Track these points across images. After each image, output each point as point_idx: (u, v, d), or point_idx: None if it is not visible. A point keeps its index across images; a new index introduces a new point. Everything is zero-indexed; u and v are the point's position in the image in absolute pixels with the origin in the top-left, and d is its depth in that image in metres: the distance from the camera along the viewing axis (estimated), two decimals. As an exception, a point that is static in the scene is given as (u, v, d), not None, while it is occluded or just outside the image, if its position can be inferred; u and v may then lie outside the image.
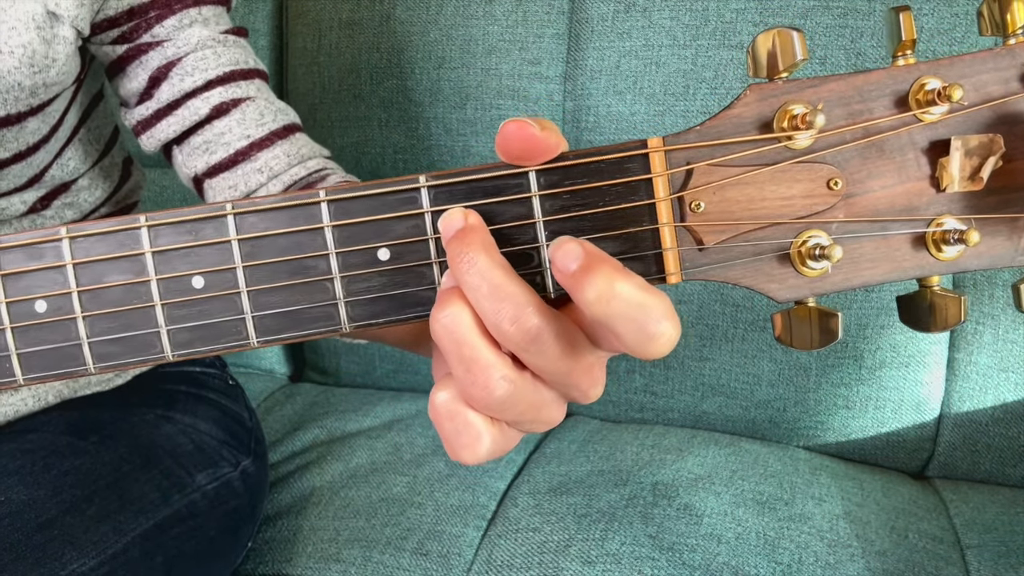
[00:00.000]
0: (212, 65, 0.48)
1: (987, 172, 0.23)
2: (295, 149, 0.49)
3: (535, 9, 0.78)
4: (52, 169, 0.52)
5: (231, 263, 0.26)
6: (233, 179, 0.48)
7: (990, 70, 0.24)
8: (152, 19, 0.47)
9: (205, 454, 0.57)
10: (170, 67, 0.47)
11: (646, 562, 0.61)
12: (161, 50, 0.47)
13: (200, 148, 0.48)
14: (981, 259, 0.24)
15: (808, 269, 0.24)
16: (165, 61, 0.47)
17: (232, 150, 0.48)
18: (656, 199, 0.24)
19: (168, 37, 0.47)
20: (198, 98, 0.47)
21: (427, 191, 0.25)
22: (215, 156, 0.48)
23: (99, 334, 0.27)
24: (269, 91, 0.51)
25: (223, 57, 0.48)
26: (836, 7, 0.69)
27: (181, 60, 0.47)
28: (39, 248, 0.27)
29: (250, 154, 0.48)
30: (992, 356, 0.71)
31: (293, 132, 0.50)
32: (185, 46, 0.47)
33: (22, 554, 0.44)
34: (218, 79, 0.48)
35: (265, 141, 0.48)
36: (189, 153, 0.49)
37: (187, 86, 0.47)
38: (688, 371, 0.78)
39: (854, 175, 0.24)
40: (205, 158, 0.48)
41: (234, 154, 0.48)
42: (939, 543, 0.64)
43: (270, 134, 0.48)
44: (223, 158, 0.48)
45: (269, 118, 0.49)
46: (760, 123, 0.24)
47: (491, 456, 0.25)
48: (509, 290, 0.23)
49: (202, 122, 0.48)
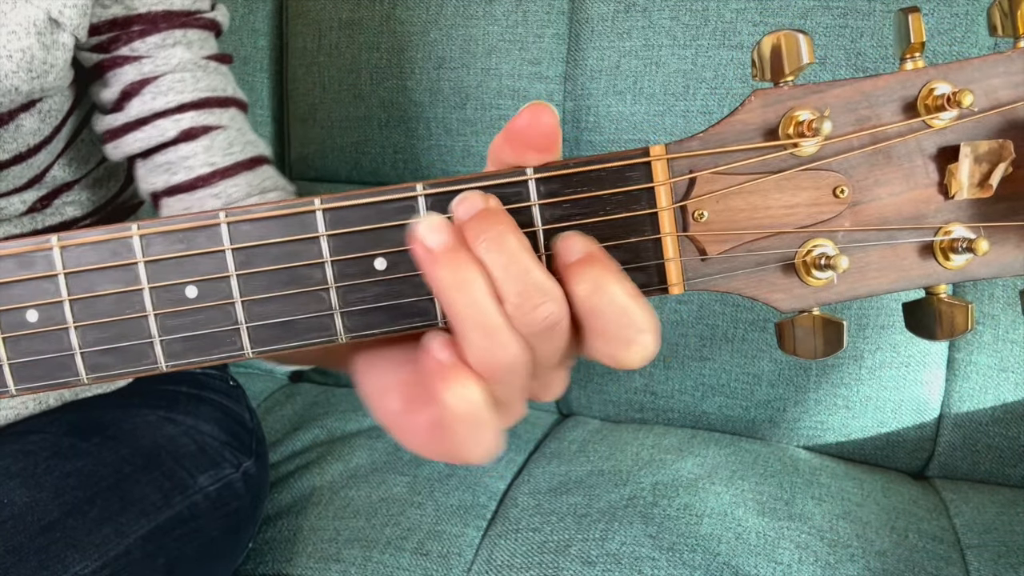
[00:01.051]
0: (189, 88, 0.47)
1: (997, 179, 0.23)
2: (257, 180, 0.49)
3: (535, 9, 0.77)
4: (53, 170, 0.51)
5: (225, 272, 0.25)
6: (189, 201, 0.48)
7: (1001, 74, 0.23)
8: (134, 33, 0.46)
9: (207, 455, 0.57)
10: (144, 83, 0.47)
11: (646, 562, 0.60)
12: (138, 65, 0.47)
13: (162, 167, 0.48)
14: (990, 268, 0.24)
15: (813, 279, 0.24)
16: (140, 77, 0.47)
17: (193, 175, 0.48)
18: (658, 208, 0.24)
19: (148, 54, 0.47)
20: (169, 119, 0.47)
21: (424, 199, 0.25)
22: (175, 177, 0.48)
23: (91, 344, 0.26)
24: (244, 121, 0.51)
25: (201, 82, 0.48)
26: (836, 7, 0.69)
27: (157, 79, 0.47)
28: (30, 257, 0.26)
29: (211, 181, 0.48)
30: (992, 356, 0.71)
31: (260, 164, 0.50)
32: (164, 65, 0.47)
33: (25, 557, 0.44)
34: (192, 103, 0.47)
35: (229, 170, 0.48)
36: (151, 169, 0.48)
37: (159, 105, 0.47)
38: (688, 371, 0.78)
39: (861, 183, 0.24)
40: (165, 177, 0.48)
41: (194, 179, 0.48)
42: (939, 543, 0.64)
43: (235, 164, 0.48)
44: (183, 180, 0.48)
45: (237, 148, 0.49)
46: (765, 130, 0.23)
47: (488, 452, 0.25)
48: (537, 276, 0.23)
49: (168, 143, 0.48)
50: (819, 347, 0.25)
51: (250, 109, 0.88)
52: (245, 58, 0.88)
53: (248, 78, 0.89)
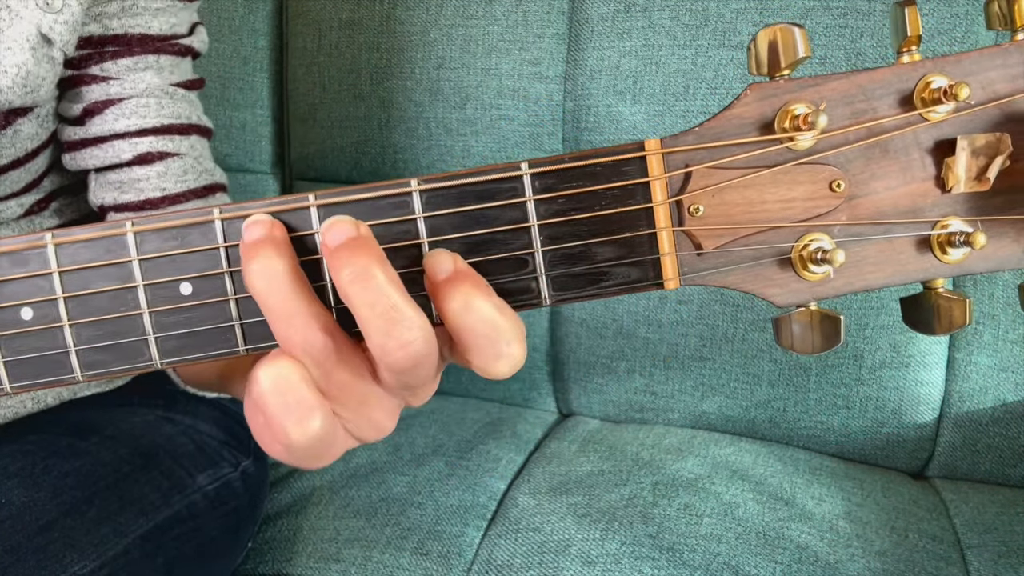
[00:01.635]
0: (152, 114, 0.48)
1: (994, 172, 0.23)
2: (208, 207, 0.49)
3: (535, 9, 0.77)
4: (51, 174, 0.51)
5: (219, 269, 0.25)
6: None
7: (998, 67, 0.23)
8: (107, 54, 0.46)
9: (205, 455, 0.57)
10: (108, 104, 0.47)
11: (646, 562, 0.60)
12: (105, 86, 0.47)
13: (113, 184, 0.48)
14: (987, 261, 0.24)
15: (810, 273, 0.24)
16: (106, 97, 0.47)
17: (143, 196, 0.48)
18: (654, 203, 0.24)
19: (117, 75, 0.47)
20: (127, 141, 0.47)
21: (419, 195, 0.25)
22: (125, 196, 0.48)
23: (86, 342, 0.26)
24: (205, 149, 0.51)
25: (165, 109, 0.48)
26: (836, 7, 0.69)
27: (122, 101, 0.47)
28: (24, 255, 0.26)
29: (159, 205, 0.48)
30: (992, 356, 0.70)
31: (214, 192, 0.50)
32: (131, 89, 0.47)
33: (23, 556, 0.44)
34: (153, 129, 0.48)
35: (180, 196, 0.48)
36: (102, 184, 0.49)
37: (119, 127, 0.47)
38: (688, 371, 0.78)
39: (857, 176, 0.23)
40: (115, 194, 0.49)
41: (143, 201, 0.48)
42: (939, 543, 0.63)
43: (187, 191, 0.49)
44: (132, 200, 0.48)
45: (191, 177, 0.49)
46: (761, 124, 0.23)
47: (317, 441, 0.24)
48: (407, 313, 0.23)
49: (123, 164, 0.48)
50: (817, 342, 0.25)
51: (250, 109, 0.89)
52: (245, 58, 0.88)
53: (248, 78, 0.88)
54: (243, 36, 0.88)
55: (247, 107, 0.89)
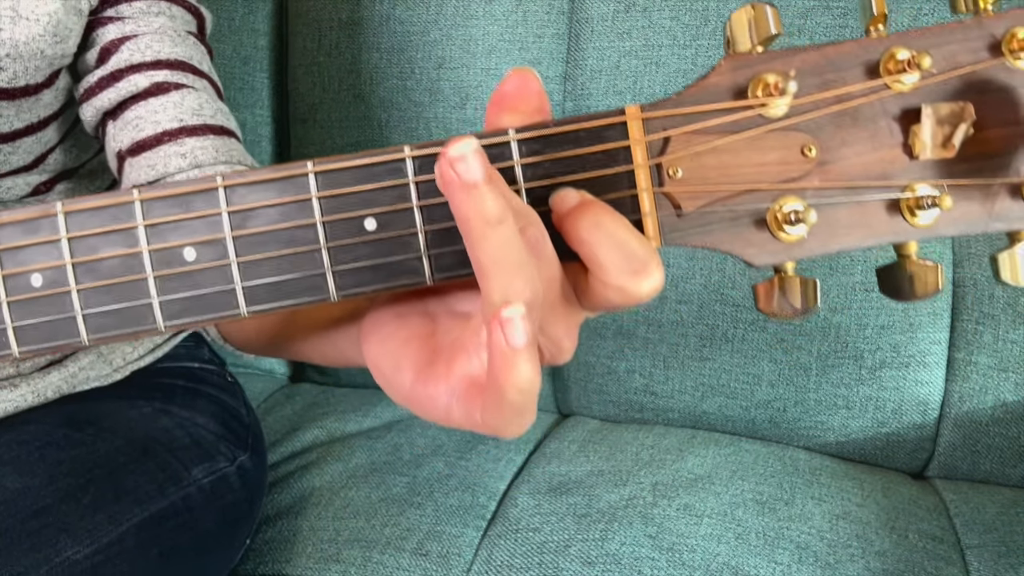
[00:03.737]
0: (167, 49, 0.47)
1: (959, 139, 0.24)
2: (226, 148, 0.48)
3: (535, 9, 0.78)
4: (56, 152, 0.52)
5: (221, 234, 0.26)
6: (154, 159, 0.46)
7: (959, 40, 0.24)
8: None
9: (202, 448, 0.58)
10: (123, 40, 0.47)
11: (646, 562, 0.60)
12: (120, 25, 0.47)
13: (131, 123, 0.47)
14: (956, 225, 0.25)
15: (785, 234, 0.24)
16: (121, 35, 0.47)
17: (160, 129, 0.46)
18: (634, 165, 0.25)
19: (132, 16, 0.48)
20: (142, 73, 0.47)
21: (412, 161, 0.26)
22: (142, 133, 0.46)
23: (93, 306, 0.27)
24: (216, 96, 0.50)
25: (179, 47, 0.48)
26: (836, 7, 0.70)
27: (137, 37, 0.47)
28: (35, 223, 0.27)
29: (178, 137, 0.46)
30: (992, 356, 0.70)
31: (230, 135, 0.49)
32: (146, 27, 0.48)
33: (16, 540, 0.44)
34: (168, 62, 0.47)
35: (197, 130, 0.47)
36: (121, 127, 0.47)
37: (135, 59, 0.47)
38: (688, 371, 0.78)
39: (828, 143, 0.24)
40: (132, 134, 0.46)
41: (161, 133, 0.46)
42: (939, 543, 0.63)
43: (204, 125, 0.47)
44: (149, 135, 0.46)
45: (208, 112, 0.48)
46: (735, 91, 0.24)
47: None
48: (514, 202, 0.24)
49: (138, 95, 0.47)
50: (796, 306, 0.26)
51: (250, 109, 0.90)
52: (245, 58, 0.89)
53: (248, 78, 0.89)
54: (243, 36, 0.89)
55: (247, 107, 0.90)
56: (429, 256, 0.26)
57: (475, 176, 0.22)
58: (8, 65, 0.44)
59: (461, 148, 0.22)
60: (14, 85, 0.45)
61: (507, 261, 0.22)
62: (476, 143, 0.22)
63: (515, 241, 0.22)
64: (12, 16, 0.43)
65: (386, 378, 0.28)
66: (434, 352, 0.28)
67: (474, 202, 0.22)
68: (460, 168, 0.22)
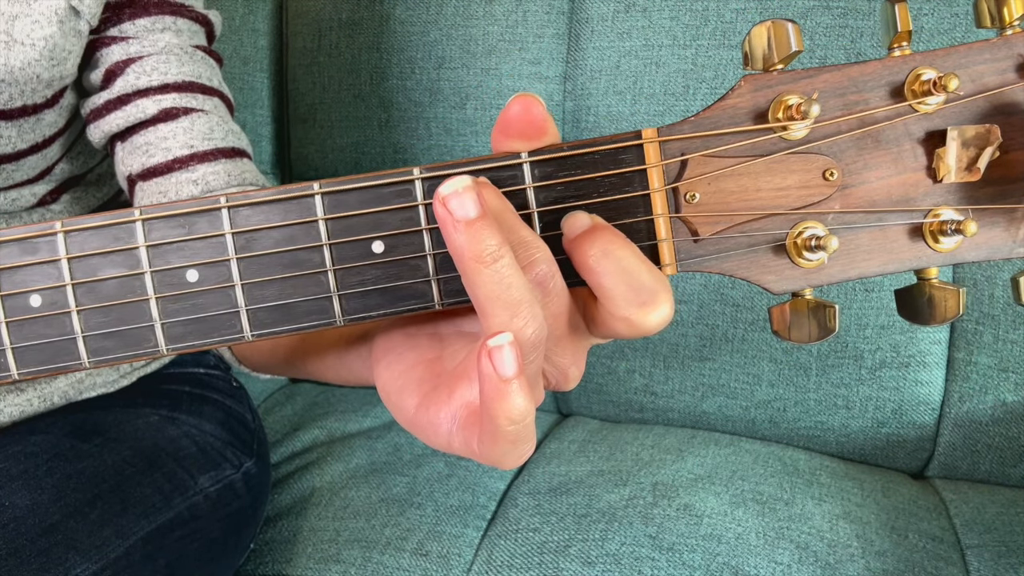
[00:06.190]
0: (173, 70, 0.47)
1: (984, 162, 0.23)
2: (238, 171, 0.47)
3: (535, 9, 0.78)
4: (62, 162, 0.51)
5: (225, 256, 0.26)
6: (165, 186, 0.46)
7: (986, 60, 0.24)
8: (124, 15, 0.46)
9: (208, 456, 0.57)
10: (129, 63, 0.46)
11: (646, 562, 0.60)
12: (124, 45, 0.46)
13: (140, 148, 0.47)
14: (979, 250, 0.24)
15: (804, 260, 0.24)
16: (126, 57, 0.47)
17: (171, 156, 0.46)
18: (651, 190, 0.24)
19: (136, 35, 0.47)
20: (149, 98, 0.46)
21: (421, 183, 0.25)
22: (152, 159, 0.46)
23: (93, 328, 0.27)
24: (227, 114, 0.50)
25: (186, 66, 0.47)
26: (836, 7, 0.69)
27: (142, 59, 0.47)
28: (34, 243, 0.27)
29: (189, 164, 0.46)
30: (992, 356, 0.70)
31: (241, 156, 0.49)
32: (151, 47, 0.47)
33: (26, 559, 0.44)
34: (175, 85, 0.47)
35: (208, 155, 0.47)
36: (130, 151, 0.47)
37: (141, 84, 0.46)
38: (688, 371, 0.78)
39: (850, 166, 0.24)
40: (142, 159, 0.46)
41: (171, 160, 0.46)
42: (939, 543, 0.64)
43: (215, 150, 0.47)
44: (160, 162, 0.46)
45: (219, 135, 0.47)
46: (755, 114, 0.24)
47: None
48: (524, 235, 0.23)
49: (147, 121, 0.46)
50: (812, 331, 0.25)
51: (250, 109, 0.90)
52: (245, 58, 0.89)
53: (248, 78, 0.89)
54: (243, 36, 0.88)
55: (247, 107, 0.89)
56: (438, 280, 0.25)
57: (467, 213, 0.22)
58: (4, 89, 0.43)
59: (453, 185, 0.22)
60: (11, 106, 0.44)
61: (504, 299, 0.22)
62: (469, 180, 0.22)
63: (513, 278, 0.22)
64: (7, 41, 0.42)
65: (392, 402, 0.28)
66: (438, 377, 0.27)
67: (466, 240, 0.22)
68: (452, 205, 0.22)
